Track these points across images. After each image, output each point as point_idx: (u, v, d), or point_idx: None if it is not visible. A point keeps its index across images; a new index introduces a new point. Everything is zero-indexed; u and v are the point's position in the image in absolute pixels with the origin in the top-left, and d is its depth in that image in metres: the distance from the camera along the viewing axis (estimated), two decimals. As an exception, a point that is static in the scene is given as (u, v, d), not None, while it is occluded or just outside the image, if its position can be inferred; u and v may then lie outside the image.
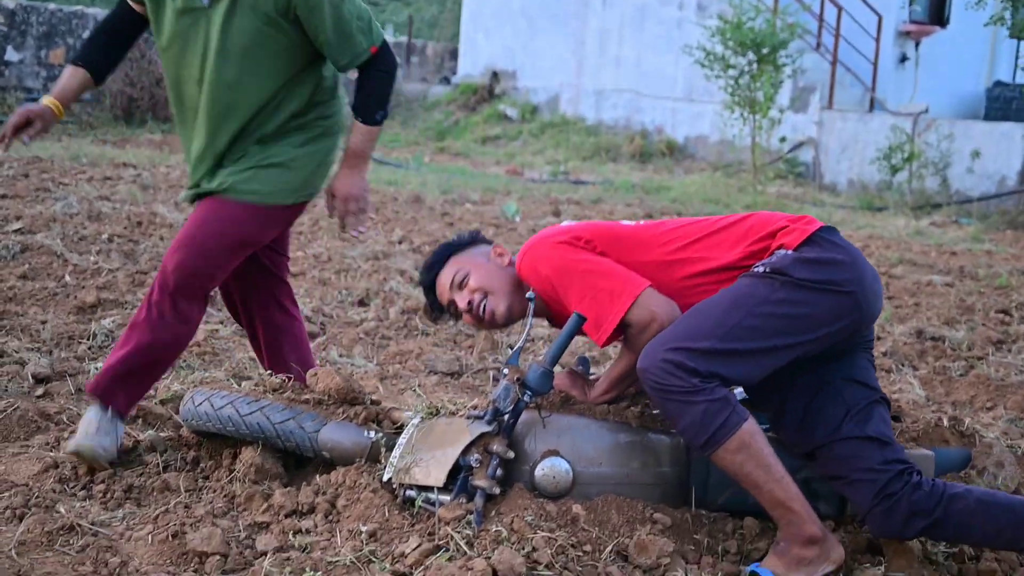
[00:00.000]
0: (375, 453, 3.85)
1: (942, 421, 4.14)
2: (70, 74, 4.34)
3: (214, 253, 4.14)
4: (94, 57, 4.37)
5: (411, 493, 3.61)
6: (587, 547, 3.39)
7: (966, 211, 17.04)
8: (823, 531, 3.44)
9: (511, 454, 3.56)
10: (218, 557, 3.45)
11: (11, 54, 19.87)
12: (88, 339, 5.90)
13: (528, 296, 3.78)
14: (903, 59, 22.59)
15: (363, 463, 3.85)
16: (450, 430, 3.65)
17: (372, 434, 3.88)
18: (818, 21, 21.38)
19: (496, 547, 3.26)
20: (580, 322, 3.71)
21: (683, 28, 21.49)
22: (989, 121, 20.15)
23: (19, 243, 7.83)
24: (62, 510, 3.76)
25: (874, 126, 19.60)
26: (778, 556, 3.43)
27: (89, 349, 5.77)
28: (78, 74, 4.33)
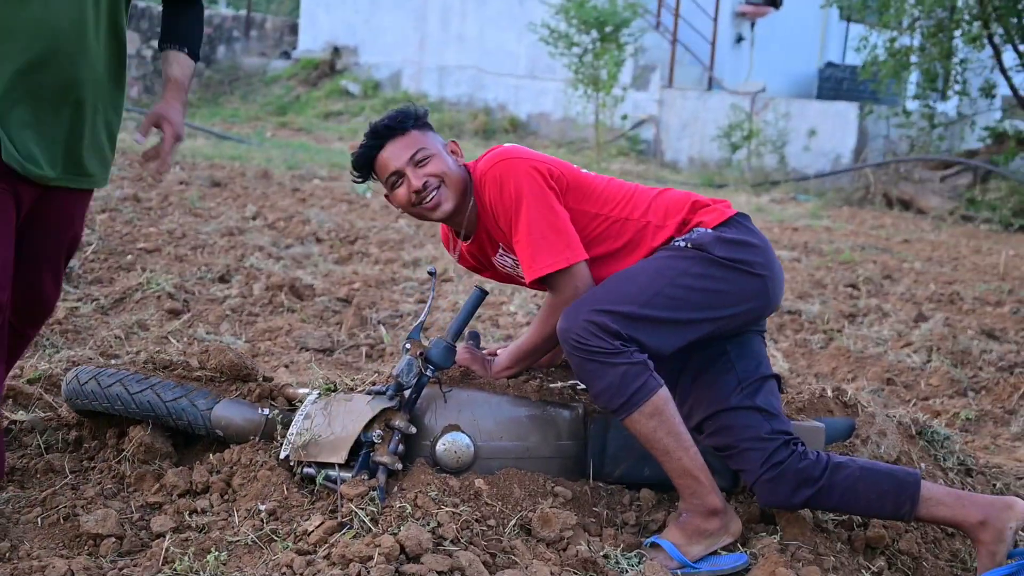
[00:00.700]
0: (270, 430, 3.78)
1: (826, 392, 4.23)
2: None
3: None
4: None
5: (310, 470, 3.56)
6: (491, 521, 3.38)
7: (803, 188, 17.47)
8: (724, 504, 3.49)
9: (413, 429, 3.53)
10: (113, 539, 3.37)
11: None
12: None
13: (429, 270, 3.75)
14: (739, 39, 23.00)
15: (258, 441, 3.78)
16: (350, 406, 3.60)
17: (266, 411, 3.81)
18: (658, 1, 21.64)
19: (401, 523, 3.23)
20: (481, 297, 3.70)
21: (525, 5, 21.54)
22: (821, 100, 20.63)
23: None
24: (-59, 497, 3.63)
25: (713, 104, 19.94)
26: (679, 527, 3.47)
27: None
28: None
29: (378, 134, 3.64)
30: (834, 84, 22.28)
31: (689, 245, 3.53)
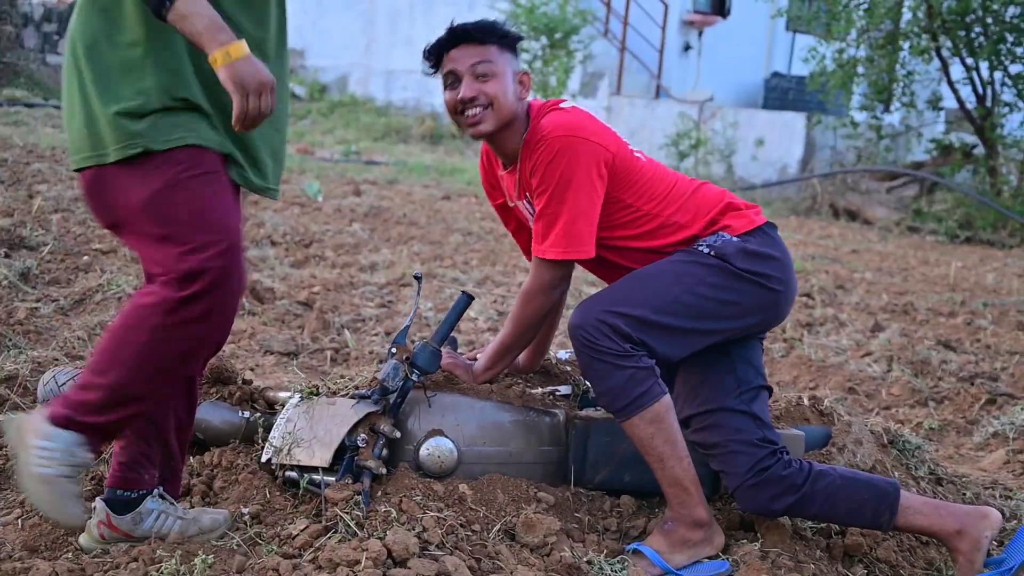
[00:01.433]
0: (250, 433, 3.77)
1: (802, 400, 4.26)
2: None
3: None
4: None
5: (293, 474, 3.54)
6: (475, 526, 3.39)
7: (751, 197, 17.53)
8: (710, 517, 3.52)
9: (398, 434, 3.52)
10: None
11: None
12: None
13: (415, 275, 3.75)
14: (687, 48, 23.13)
15: (238, 444, 3.76)
16: (334, 410, 3.58)
17: (247, 414, 3.79)
18: (606, 7, 21.73)
19: (386, 527, 3.23)
20: (467, 302, 3.71)
21: (474, 10, 21.49)
22: (768, 110, 20.77)
23: None
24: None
25: (661, 112, 20.04)
26: (663, 535, 3.49)
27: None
28: None
29: (455, 34, 3.59)
30: (780, 94, 22.41)
31: (712, 253, 3.54)
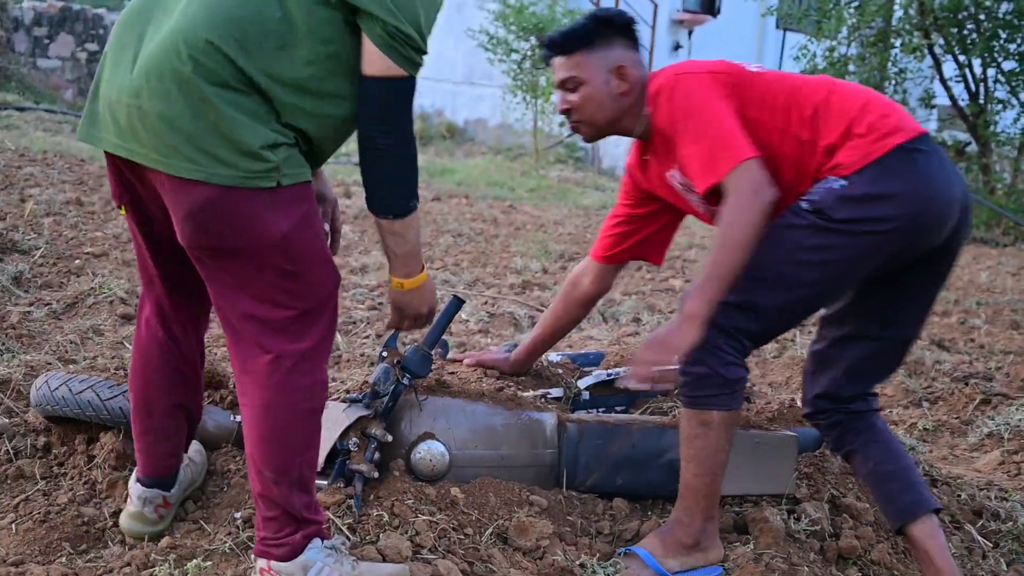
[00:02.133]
0: (242, 437, 3.76)
1: (795, 402, 4.27)
2: None
3: None
4: None
5: (284, 478, 3.54)
6: (468, 530, 3.39)
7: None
8: (715, 531, 3.49)
9: (389, 438, 3.53)
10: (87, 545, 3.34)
11: None
12: None
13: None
14: (676, 47, 23.17)
15: (230, 448, 3.76)
16: (326, 414, 3.55)
17: (239, 418, 3.79)
18: (595, 7, 21.73)
19: (379, 531, 3.24)
20: (457, 306, 3.70)
21: (464, 12, 21.55)
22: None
23: None
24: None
25: (651, 112, 19.99)
26: (659, 537, 3.47)
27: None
28: None
29: (545, 47, 3.65)
30: (770, 93, 22.40)
31: (810, 208, 3.25)
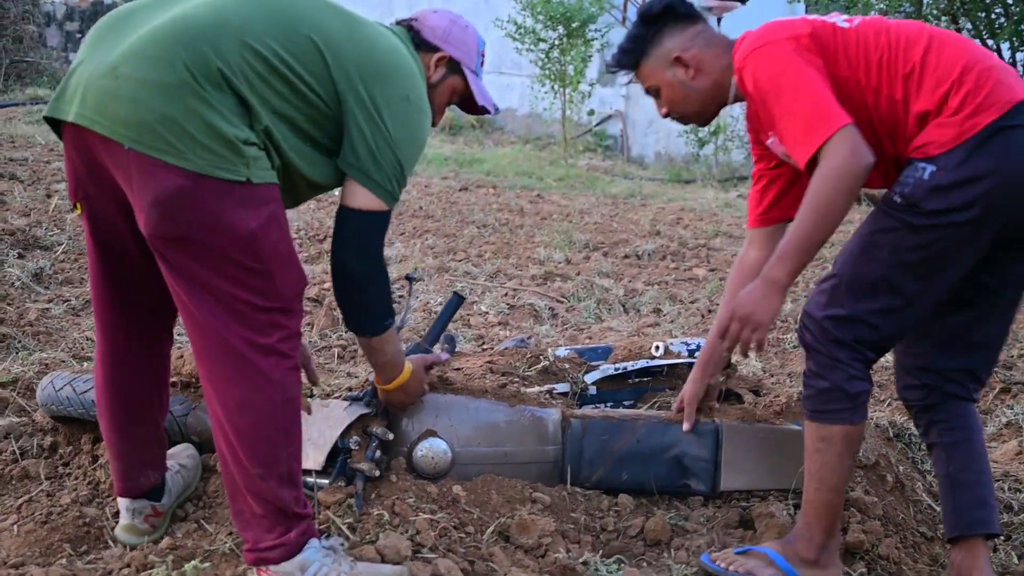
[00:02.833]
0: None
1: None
2: None
3: None
4: None
5: (286, 477, 3.54)
6: (469, 528, 3.38)
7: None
8: (835, 549, 3.41)
9: (391, 436, 3.52)
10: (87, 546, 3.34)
11: None
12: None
13: (408, 276, 3.75)
14: (705, 34, 22.98)
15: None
16: (327, 412, 3.58)
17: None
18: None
19: (379, 531, 3.23)
20: (458, 303, 3.69)
21: (491, 1, 21.49)
22: (789, 96, 20.62)
23: None
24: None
25: (680, 100, 19.90)
26: (780, 547, 3.39)
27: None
28: None
29: (613, 70, 3.65)
30: (801, 79, 22.26)
31: (902, 202, 3.11)
